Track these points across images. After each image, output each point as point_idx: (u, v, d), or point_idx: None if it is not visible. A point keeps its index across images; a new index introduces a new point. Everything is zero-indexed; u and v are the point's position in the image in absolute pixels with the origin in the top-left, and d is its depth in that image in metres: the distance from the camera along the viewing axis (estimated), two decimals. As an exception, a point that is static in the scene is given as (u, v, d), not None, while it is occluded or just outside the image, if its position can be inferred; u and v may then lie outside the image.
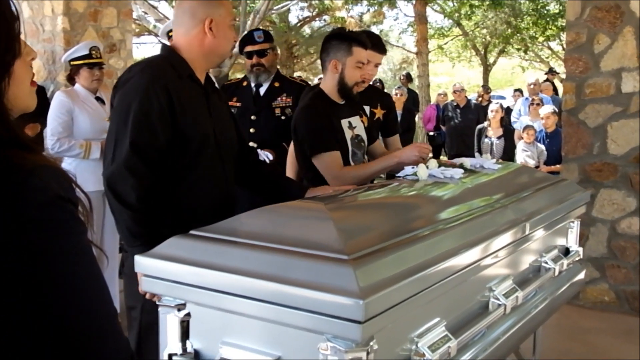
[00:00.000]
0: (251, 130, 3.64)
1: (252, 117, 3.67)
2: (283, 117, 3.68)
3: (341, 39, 2.83)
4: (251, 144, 3.48)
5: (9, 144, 0.80)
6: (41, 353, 0.77)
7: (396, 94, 9.23)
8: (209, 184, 2.27)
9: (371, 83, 3.50)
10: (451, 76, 27.40)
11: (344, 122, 2.87)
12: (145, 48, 18.47)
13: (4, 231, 0.74)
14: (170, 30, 4.45)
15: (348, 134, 2.86)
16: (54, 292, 0.77)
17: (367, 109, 3.30)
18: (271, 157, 3.52)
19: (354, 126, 2.91)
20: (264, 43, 3.73)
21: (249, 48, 3.73)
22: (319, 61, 20.26)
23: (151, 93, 2.12)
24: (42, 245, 0.76)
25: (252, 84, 3.76)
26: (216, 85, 3.40)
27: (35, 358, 0.77)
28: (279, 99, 3.71)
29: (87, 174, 3.99)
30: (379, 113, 3.44)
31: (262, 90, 3.74)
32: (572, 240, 2.82)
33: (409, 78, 13.29)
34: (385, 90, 13.42)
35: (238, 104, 3.69)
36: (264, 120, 3.67)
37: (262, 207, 1.72)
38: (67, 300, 0.78)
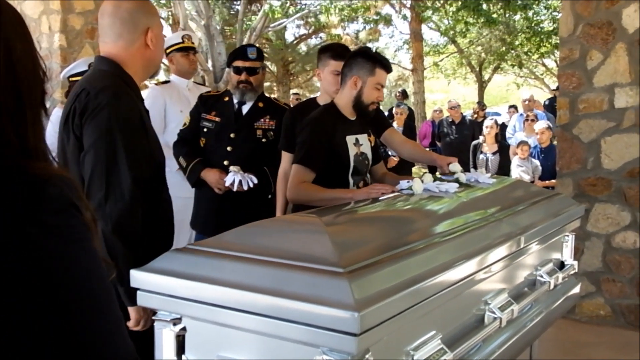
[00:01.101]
0: (228, 148, 3.46)
1: (231, 135, 3.48)
2: (264, 140, 3.50)
3: (366, 58, 2.83)
4: (227, 163, 3.42)
5: (24, 154, 0.83)
6: (53, 353, 0.80)
7: (396, 113, 9.29)
8: (170, 206, 2.25)
9: None
10: (446, 93, 27.53)
11: (351, 139, 2.87)
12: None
13: (24, 236, 0.77)
14: (171, 46, 4.47)
15: (352, 151, 2.86)
16: (69, 294, 0.80)
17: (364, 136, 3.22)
18: (255, 181, 3.37)
19: (361, 144, 2.91)
20: (255, 61, 3.53)
21: (239, 63, 3.51)
22: (314, 78, 20.39)
23: (133, 122, 2.05)
24: (58, 249, 0.80)
25: (235, 101, 3.55)
26: None
27: (46, 358, 0.80)
28: (262, 120, 3.53)
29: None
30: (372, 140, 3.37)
31: (244, 109, 3.55)
32: (567, 254, 2.82)
33: (404, 95, 13.34)
34: (381, 108, 13.53)
35: (217, 119, 3.51)
36: (243, 139, 3.47)
37: (257, 221, 1.72)
38: (81, 302, 0.81)
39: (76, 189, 0.85)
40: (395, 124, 8.99)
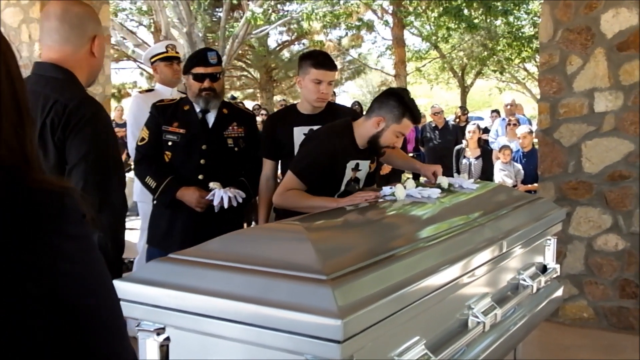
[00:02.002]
0: (201, 161, 3.22)
1: (203, 147, 3.23)
2: (236, 149, 3.29)
3: (399, 103, 2.73)
4: (202, 177, 3.21)
5: (28, 166, 0.88)
6: (71, 350, 0.86)
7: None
8: None
9: (349, 105, 3.48)
10: (430, 98, 27.65)
11: (352, 163, 2.85)
12: (124, 73, 18.45)
13: (51, 247, 0.83)
14: (155, 55, 4.46)
15: (348, 176, 2.86)
16: (92, 300, 0.86)
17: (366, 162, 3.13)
18: (243, 196, 3.20)
19: (359, 169, 2.90)
20: (217, 66, 3.29)
21: (200, 70, 3.24)
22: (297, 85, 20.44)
23: (114, 133, 2.12)
24: (80, 258, 0.86)
25: (197, 110, 3.28)
26: None
27: (64, 355, 0.85)
28: (231, 128, 3.30)
29: None
30: (372, 167, 3.30)
31: (209, 118, 3.29)
32: (549, 257, 2.84)
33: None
34: (364, 113, 13.56)
35: (181, 131, 3.23)
36: (215, 150, 3.24)
37: (240, 229, 1.72)
38: (100, 307, 0.88)
39: (81, 199, 0.90)
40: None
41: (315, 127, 3.16)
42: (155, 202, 3.33)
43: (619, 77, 4.40)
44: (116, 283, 1.62)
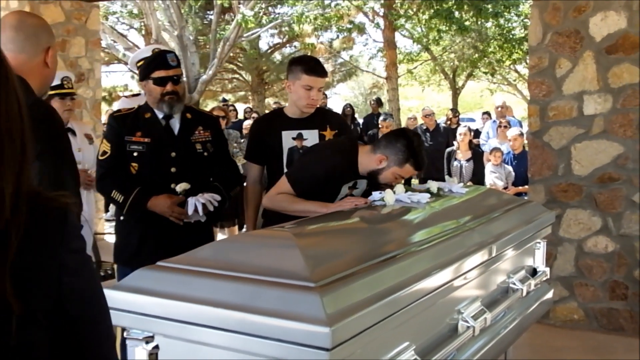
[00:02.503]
0: (172, 169, 3.07)
1: (172, 154, 3.07)
2: (205, 154, 3.15)
3: (405, 149, 2.68)
4: (174, 186, 3.06)
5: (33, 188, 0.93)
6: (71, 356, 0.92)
7: (381, 126, 9.38)
8: None
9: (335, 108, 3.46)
10: (421, 100, 27.71)
11: (347, 186, 2.86)
12: (115, 76, 18.40)
13: (58, 260, 0.88)
14: (141, 60, 4.45)
15: (342, 194, 2.85)
16: (89, 307, 0.93)
17: (315, 132, 3.19)
18: (218, 198, 3.05)
19: (357, 188, 2.90)
20: (177, 68, 3.16)
21: (161, 73, 3.07)
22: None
23: (67, 135, 2.17)
24: (81, 269, 0.92)
25: (160, 116, 3.12)
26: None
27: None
28: (197, 132, 3.16)
29: None
30: (329, 134, 3.26)
31: (173, 123, 3.14)
32: (539, 260, 2.85)
33: (379, 103, 13.43)
34: (356, 116, 13.58)
35: (146, 140, 3.06)
36: (184, 157, 3.09)
37: (229, 236, 1.72)
38: (97, 313, 0.95)
39: (78, 211, 0.94)
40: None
41: (304, 131, 3.16)
42: (122, 218, 3.15)
43: (608, 80, 4.43)
44: (105, 291, 1.61)
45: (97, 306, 0.94)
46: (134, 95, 4.49)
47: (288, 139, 3.16)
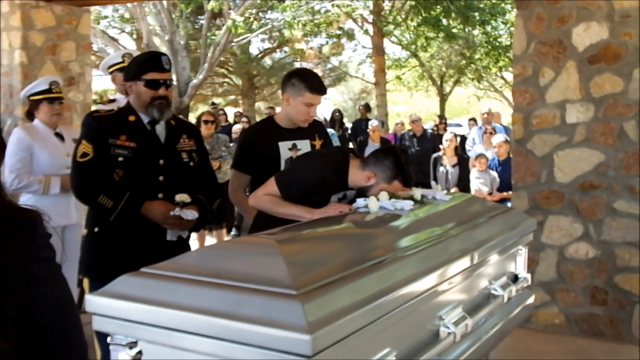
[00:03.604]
0: (160, 178, 2.90)
1: (160, 162, 2.90)
2: (192, 164, 3.01)
3: (394, 165, 2.68)
4: (162, 195, 2.90)
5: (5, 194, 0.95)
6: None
7: (371, 130, 9.42)
8: None
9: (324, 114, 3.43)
10: (409, 105, 27.77)
11: (337, 196, 2.85)
12: (106, 79, 18.31)
13: (27, 269, 0.90)
14: (112, 65, 4.43)
15: (331, 202, 2.84)
16: (58, 314, 0.96)
17: (307, 142, 3.19)
18: (196, 215, 2.90)
19: (345, 198, 2.89)
20: (170, 72, 2.97)
21: (155, 75, 2.87)
22: (279, 91, 20.35)
23: None
24: (50, 278, 0.95)
25: (146, 120, 2.93)
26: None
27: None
28: (182, 141, 3.00)
29: (47, 210, 3.87)
30: (318, 144, 3.27)
31: (159, 130, 2.96)
32: (520, 267, 2.86)
33: (367, 108, 13.46)
34: (344, 120, 13.59)
35: (132, 144, 2.84)
36: (171, 165, 2.93)
37: (214, 243, 1.72)
38: (66, 319, 0.98)
39: (46, 221, 0.96)
40: (371, 141, 9.10)
41: (297, 141, 3.16)
42: (96, 229, 2.93)
43: (590, 90, 4.47)
44: (89, 297, 1.61)
45: (67, 314, 0.95)
46: (109, 102, 4.45)
47: (285, 149, 3.14)
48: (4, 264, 0.85)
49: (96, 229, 2.93)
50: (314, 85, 3.08)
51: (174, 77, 12.75)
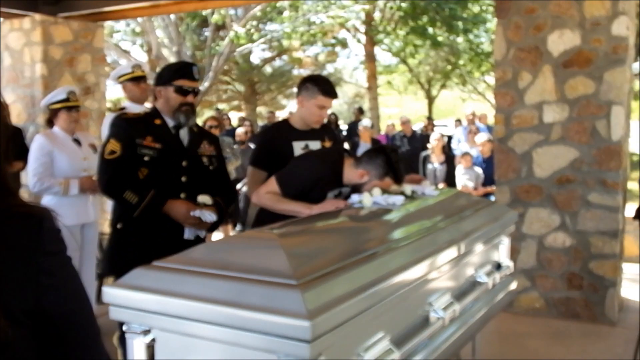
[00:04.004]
0: (183, 178, 2.84)
1: (183, 164, 2.85)
2: (211, 167, 2.96)
3: (385, 163, 2.70)
4: (183, 195, 2.85)
5: (8, 193, 0.91)
6: (50, 356, 0.89)
7: (360, 130, 9.41)
8: None
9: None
10: (400, 107, 27.73)
11: (333, 193, 2.84)
12: (119, 89, 18.27)
13: (35, 263, 0.87)
14: (122, 75, 4.41)
15: (328, 198, 2.83)
16: (69, 306, 0.91)
17: (318, 143, 3.20)
18: (214, 217, 2.84)
19: (341, 194, 2.88)
20: (198, 81, 2.94)
21: (185, 83, 2.84)
22: (279, 96, 20.24)
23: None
24: (59, 270, 0.90)
25: (171, 124, 2.88)
26: None
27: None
28: (202, 146, 2.95)
29: (67, 209, 3.93)
30: (327, 145, 3.26)
31: (182, 134, 2.90)
32: (503, 255, 2.86)
33: (361, 111, 13.46)
34: (340, 122, 13.58)
35: (157, 145, 2.79)
36: (193, 167, 2.89)
37: (220, 238, 1.72)
38: (76, 311, 0.92)
39: (56, 218, 0.93)
40: (362, 141, 9.09)
41: (309, 142, 3.15)
42: (119, 226, 2.87)
43: (565, 92, 4.47)
44: (106, 289, 1.61)
45: (76, 303, 0.92)
46: (119, 110, 4.44)
47: (298, 149, 3.13)
48: (12, 257, 0.85)
49: (119, 226, 2.88)
50: (326, 88, 3.10)
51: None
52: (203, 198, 2.83)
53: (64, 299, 0.89)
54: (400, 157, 2.81)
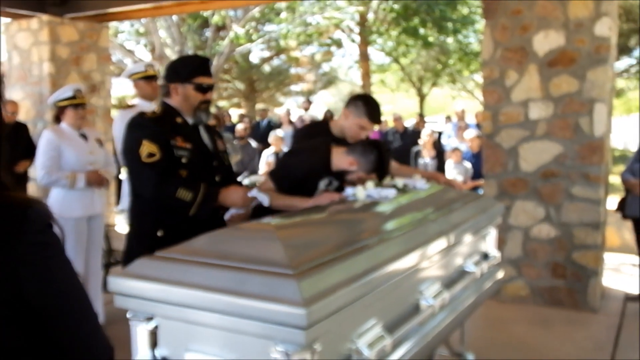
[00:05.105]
0: (216, 178, 2.66)
1: (214, 163, 2.67)
2: (226, 164, 2.81)
3: (375, 160, 2.69)
4: None
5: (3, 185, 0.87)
6: (40, 346, 0.84)
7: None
8: None
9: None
10: (392, 104, 27.66)
11: (323, 182, 2.83)
12: (123, 87, 18.18)
13: (15, 253, 0.81)
14: (135, 74, 4.41)
15: (319, 189, 2.82)
16: (54, 297, 0.85)
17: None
18: (268, 197, 2.59)
19: (332, 184, 2.86)
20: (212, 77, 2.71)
21: (203, 80, 2.59)
22: (277, 94, 20.12)
23: None
24: (42, 261, 0.84)
25: (189, 122, 2.64)
26: None
27: (34, 351, 0.84)
28: (219, 143, 2.77)
29: (74, 202, 3.92)
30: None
31: (201, 131, 2.69)
32: (490, 246, 2.87)
33: (355, 108, 13.39)
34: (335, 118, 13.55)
35: (188, 146, 2.55)
36: (221, 166, 2.71)
37: (219, 229, 1.71)
38: (63, 302, 0.85)
39: (49, 211, 0.88)
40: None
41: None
42: (159, 234, 2.55)
43: (550, 90, 4.47)
44: (110, 278, 1.60)
45: (67, 296, 0.86)
46: (129, 107, 4.44)
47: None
48: None
49: (159, 233, 2.54)
50: (374, 113, 2.97)
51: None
52: (251, 178, 2.70)
53: (51, 291, 0.84)
54: (389, 156, 2.81)
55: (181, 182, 2.47)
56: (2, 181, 0.86)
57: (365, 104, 2.99)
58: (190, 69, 2.61)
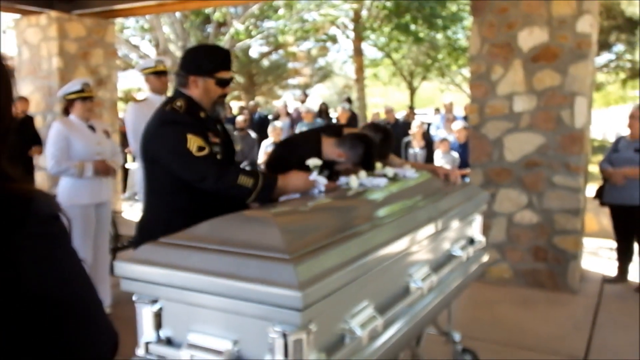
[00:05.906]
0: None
1: (236, 158, 2.54)
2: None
3: (363, 154, 2.65)
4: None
5: (2, 177, 0.82)
6: (42, 345, 0.79)
7: (338, 115, 9.37)
8: None
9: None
10: (384, 97, 27.60)
11: (315, 172, 2.78)
12: (129, 81, 18.06)
13: (17, 244, 0.77)
14: (146, 69, 4.39)
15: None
16: (56, 286, 0.80)
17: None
18: (325, 181, 2.40)
19: (323, 173, 2.82)
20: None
21: (227, 75, 2.38)
22: (275, 87, 20.07)
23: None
24: (45, 252, 0.80)
25: (210, 117, 2.44)
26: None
27: (38, 341, 0.79)
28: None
29: (82, 190, 3.90)
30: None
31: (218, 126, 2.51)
32: (476, 231, 2.87)
33: (349, 101, 13.38)
34: (330, 111, 13.54)
35: (218, 140, 2.37)
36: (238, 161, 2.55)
37: (219, 216, 1.71)
38: (67, 292, 0.81)
39: (55, 202, 0.84)
40: (342, 122, 9.06)
41: None
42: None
43: (533, 84, 4.46)
44: (117, 263, 1.60)
45: (69, 287, 0.82)
46: (141, 101, 4.42)
47: None
48: None
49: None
50: (370, 165, 2.70)
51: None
52: (313, 161, 2.37)
53: (53, 282, 0.80)
54: (376, 150, 2.76)
55: (240, 170, 2.30)
56: (6, 172, 0.82)
57: (365, 153, 2.67)
58: (215, 64, 2.38)
